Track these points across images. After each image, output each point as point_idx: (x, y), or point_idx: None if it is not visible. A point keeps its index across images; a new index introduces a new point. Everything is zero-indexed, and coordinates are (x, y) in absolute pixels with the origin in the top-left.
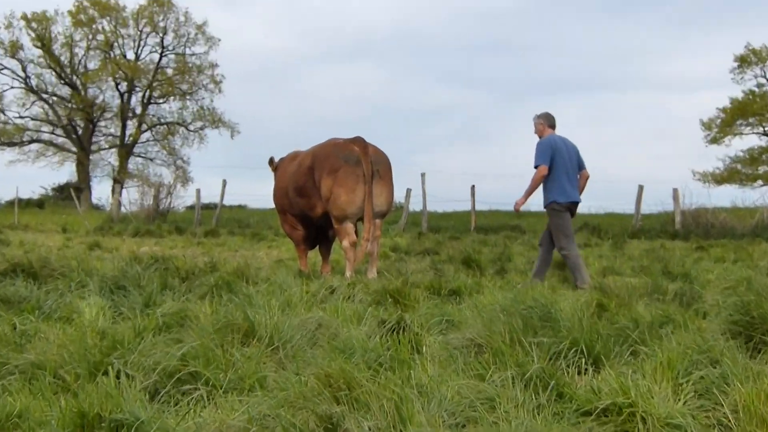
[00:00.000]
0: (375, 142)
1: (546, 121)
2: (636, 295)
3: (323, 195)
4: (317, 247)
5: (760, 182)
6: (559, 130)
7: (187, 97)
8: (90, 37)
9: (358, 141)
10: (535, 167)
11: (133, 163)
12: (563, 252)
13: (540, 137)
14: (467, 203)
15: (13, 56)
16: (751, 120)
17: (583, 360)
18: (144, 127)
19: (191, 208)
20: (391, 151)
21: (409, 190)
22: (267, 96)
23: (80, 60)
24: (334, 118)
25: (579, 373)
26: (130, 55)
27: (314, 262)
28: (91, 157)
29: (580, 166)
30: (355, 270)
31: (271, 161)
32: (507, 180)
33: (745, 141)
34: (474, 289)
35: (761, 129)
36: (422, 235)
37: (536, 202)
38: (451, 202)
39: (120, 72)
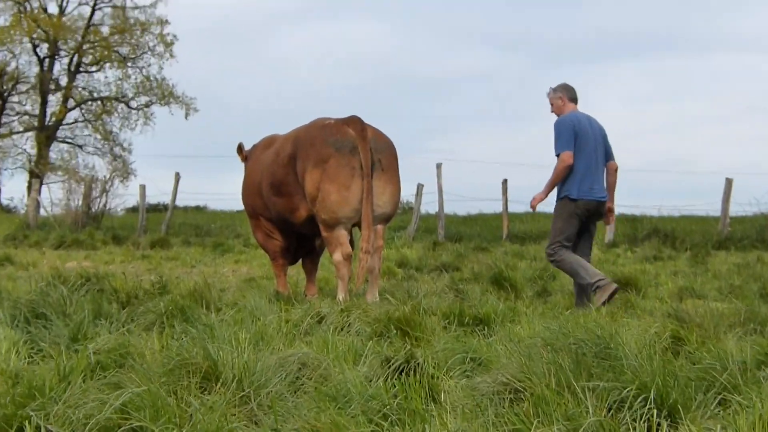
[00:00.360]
0: (376, 123)
1: (566, 94)
2: (724, 325)
3: (308, 193)
4: (300, 261)
5: None
6: (615, 108)
7: (129, 63)
8: None
9: (354, 122)
10: (557, 155)
11: (57, 152)
12: (552, 258)
13: (558, 116)
14: (497, 203)
15: None
16: None
17: (655, 411)
18: (71, 103)
19: (133, 210)
20: (397, 135)
21: (420, 186)
22: (233, 63)
23: None
24: (322, 92)
25: (649, 428)
26: (53, 8)
27: (296, 280)
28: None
29: (608, 154)
30: (350, 291)
31: (239, 149)
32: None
33: None
34: (507, 317)
35: None
36: (438, 245)
37: None
38: (476, 201)
39: (39, 30)
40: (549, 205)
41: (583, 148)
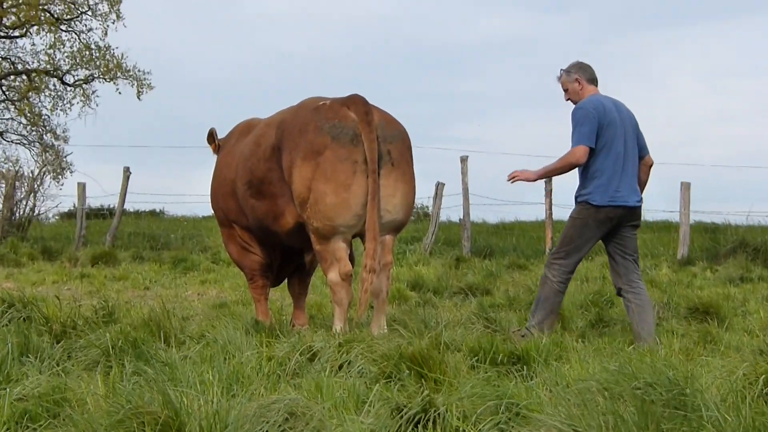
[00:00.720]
0: (384, 104)
1: (583, 75)
2: None
3: (296, 194)
4: (285, 282)
5: None
6: (691, 85)
7: (63, 27)
8: None
9: (356, 102)
10: (574, 147)
11: None
12: (550, 271)
13: (575, 103)
14: (538, 208)
15: None
16: None
17: None
18: None
19: (69, 215)
20: (410, 120)
21: (440, 186)
22: (198, 26)
23: None
24: (314, 63)
25: None
26: None
27: (281, 306)
28: None
29: (641, 148)
30: (349, 321)
31: (211, 137)
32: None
33: None
34: (552, 354)
35: None
36: (463, 261)
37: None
38: (511, 205)
39: None
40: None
41: (610, 141)
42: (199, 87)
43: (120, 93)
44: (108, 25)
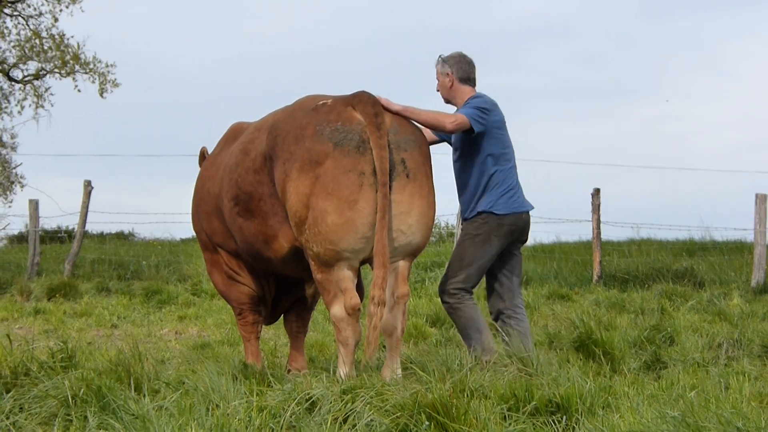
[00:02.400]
0: (402, 101)
1: (458, 72)
2: None
3: (292, 213)
4: (281, 318)
5: None
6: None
7: (7, 10)
8: None
9: (363, 101)
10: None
11: None
12: (450, 302)
13: (447, 100)
14: (584, 227)
15: None
16: None
17: None
18: None
19: (20, 239)
20: None
21: None
22: (175, 12)
23: None
24: (311, 56)
25: None
26: None
27: (274, 346)
28: None
29: None
30: (356, 364)
31: (202, 157)
32: (669, 177)
33: None
34: (599, 401)
35: None
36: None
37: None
38: (551, 223)
39: None
40: (669, 230)
41: (510, 148)
42: (175, 84)
43: (79, 91)
44: (61, 9)
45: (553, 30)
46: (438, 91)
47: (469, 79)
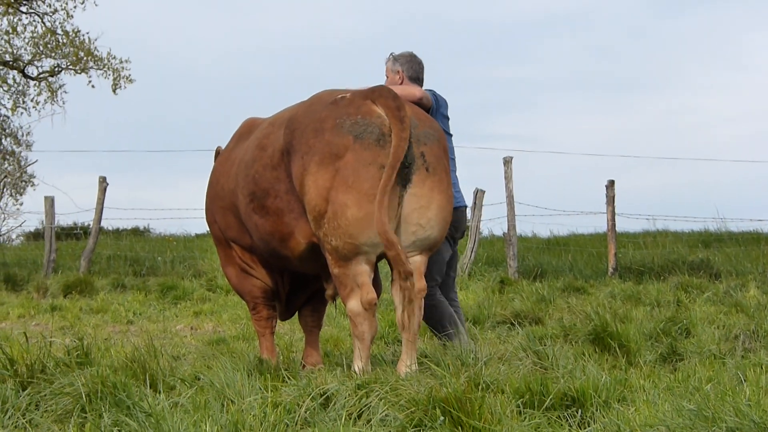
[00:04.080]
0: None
1: (408, 70)
2: None
3: (311, 207)
4: (296, 314)
5: None
6: None
7: (22, 8)
8: None
9: (382, 95)
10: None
11: None
12: (427, 298)
13: None
14: (599, 219)
15: None
16: None
17: None
18: None
19: (36, 236)
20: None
21: (479, 194)
22: (188, 6)
23: None
24: (327, 51)
25: None
26: None
27: (290, 341)
28: None
29: None
30: (372, 359)
31: (218, 154)
32: (684, 168)
33: None
34: (615, 394)
35: None
36: (508, 283)
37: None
38: (566, 216)
39: None
40: (686, 222)
41: (450, 135)
42: (189, 79)
43: (93, 87)
44: (75, 6)
45: (567, 23)
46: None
47: (418, 79)
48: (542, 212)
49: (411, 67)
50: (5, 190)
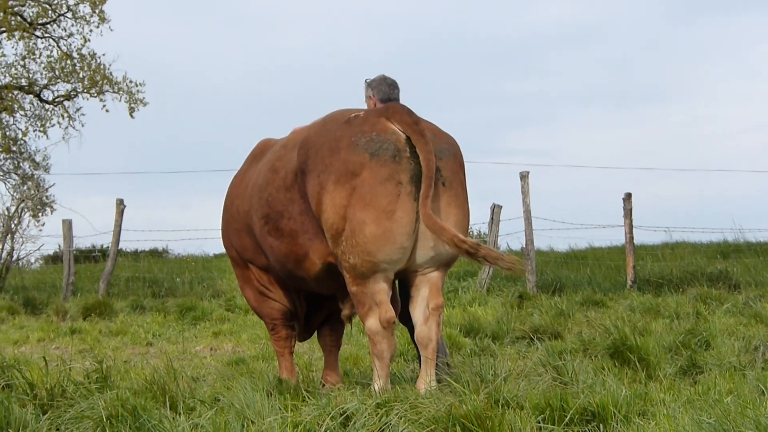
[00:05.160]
0: (424, 113)
1: (378, 94)
2: None
3: (328, 225)
4: (315, 334)
5: None
6: None
7: (37, 32)
8: None
9: (398, 112)
10: None
11: None
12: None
13: None
14: (616, 232)
15: None
16: None
17: None
18: None
19: (54, 259)
20: (457, 129)
21: (496, 209)
22: (201, 28)
23: None
24: (339, 70)
25: None
26: None
27: (309, 360)
28: None
29: None
30: (391, 377)
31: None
32: (701, 179)
33: None
34: (635, 408)
35: None
36: (527, 298)
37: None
38: (584, 229)
39: None
40: (704, 233)
41: None
42: (204, 100)
43: (107, 111)
44: (90, 30)
45: (581, 36)
46: None
47: (390, 99)
48: (560, 226)
49: (381, 90)
50: (24, 213)
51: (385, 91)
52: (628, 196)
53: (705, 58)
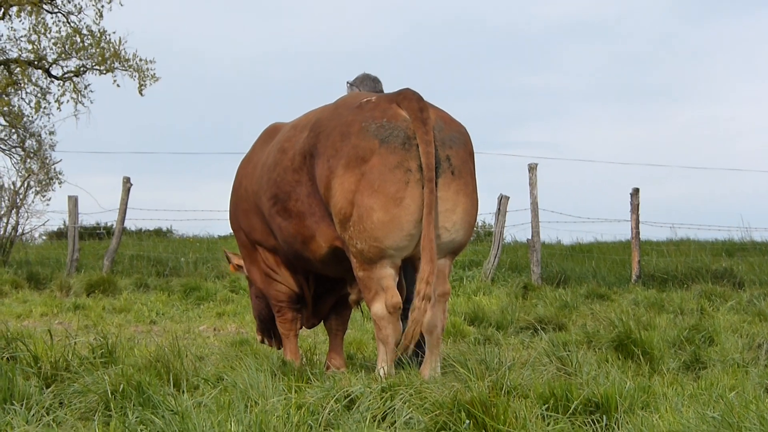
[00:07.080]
0: (438, 101)
1: (364, 90)
2: None
3: (336, 210)
4: (320, 318)
5: None
6: None
7: (47, 7)
8: None
9: (408, 98)
10: None
11: None
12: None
13: None
14: (623, 226)
15: None
16: None
17: None
18: None
19: (59, 235)
20: (467, 121)
21: (504, 200)
22: (213, 7)
23: None
24: (351, 56)
25: None
26: None
27: (313, 343)
28: None
29: None
30: (396, 362)
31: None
32: (709, 178)
33: None
34: (638, 401)
35: None
36: (532, 289)
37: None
38: (590, 223)
39: None
40: (710, 230)
41: None
42: (214, 81)
43: (118, 86)
44: (102, 6)
45: (594, 31)
46: None
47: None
48: (566, 219)
49: (366, 86)
50: (29, 189)
51: (370, 86)
52: (635, 191)
53: (717, 57)
